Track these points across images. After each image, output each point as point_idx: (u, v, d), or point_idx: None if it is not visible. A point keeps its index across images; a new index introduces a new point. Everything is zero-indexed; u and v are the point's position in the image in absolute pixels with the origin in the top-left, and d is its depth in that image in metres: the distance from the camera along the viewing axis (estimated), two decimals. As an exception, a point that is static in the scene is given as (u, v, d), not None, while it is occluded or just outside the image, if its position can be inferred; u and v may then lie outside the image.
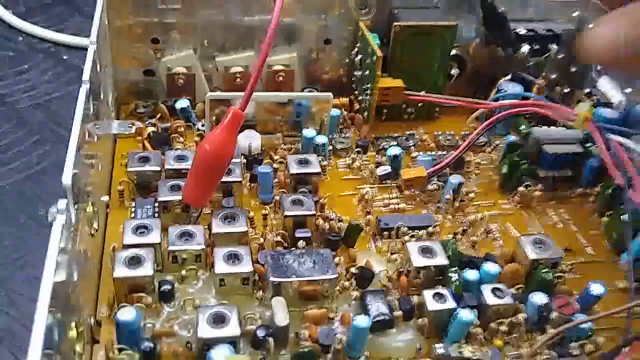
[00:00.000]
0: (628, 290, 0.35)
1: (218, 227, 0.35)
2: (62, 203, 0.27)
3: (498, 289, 0.33)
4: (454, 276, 0.34)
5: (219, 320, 0.30)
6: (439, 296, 0.33)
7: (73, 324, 0.27)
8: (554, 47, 0.48)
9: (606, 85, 0.48)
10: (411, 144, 0.46)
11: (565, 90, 0.50)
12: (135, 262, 0.32)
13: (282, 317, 0.31)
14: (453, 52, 0.48)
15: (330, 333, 0.31)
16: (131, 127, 0.44)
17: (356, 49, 0.48)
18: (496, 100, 0.46)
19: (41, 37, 0.59)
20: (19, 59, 0.56)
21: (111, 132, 0.43)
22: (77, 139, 0.30)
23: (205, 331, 0.29)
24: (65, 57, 0.57)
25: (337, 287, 0.34)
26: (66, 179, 0.28)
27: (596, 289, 0.34)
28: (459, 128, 0.48)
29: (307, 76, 0.49)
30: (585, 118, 0.39)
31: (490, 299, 0.33)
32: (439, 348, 0.31)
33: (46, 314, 0.23)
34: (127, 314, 0.29)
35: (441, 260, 0.34)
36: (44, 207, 0.42)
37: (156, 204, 0.37)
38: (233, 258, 0.33)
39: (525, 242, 0.36)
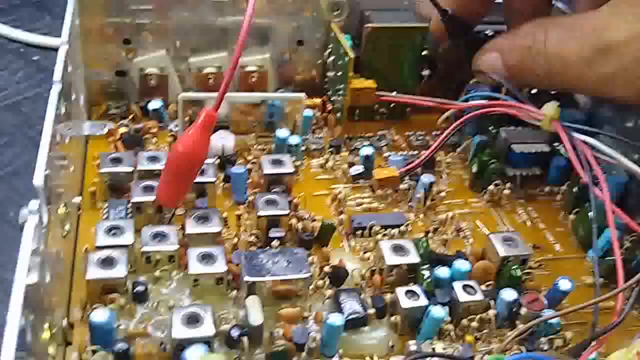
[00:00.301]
0: (594, 285, 0.36)
1: (192, 227, 0.35)
2: (33, 204, 0.26)
3: (469, 285, 0.34)
4: (426, 274, 0.34)
5: (193, 320, 0.30)
6: (411, 294, 0.33)
7: (46, 326, 0.26)
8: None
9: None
10: (383, 144, 0.47)
11: (533, 91, 0.51)
12: (108, 263, 0.32)
13: (256, 317, 0.31)
14: (424, 53, 0.48)
15: (305, 332, 0.31)
16: (103, 128, 0.44)
17: (329, 50, 0.48)
18: (466, 101, 0.46)
19: (11, 38, 0.58)
20: (-13, 59, 0.55)
21: (83, 133, 0.43)
22: (48, 139, 0.30)
23: (180, 331, 0.29)
24: (35, 58, 0.56)
25: (311, 286, 0.34)
26: (38, 179, 0.28)
27: (564, 284, 0.35)
28: (430, 128, 0.48)
29: (280, 77, 0.50)
30: (551, 118, 0.40)
31: (461, 296, 0.33)
32: (412, 345, 0.32)
33: (19, 316, 0.23)
34: (100, 314, 0.29)
35: (413, 258, 0.35)
36: (14, 209, 0.42)
37: (129, 205, 0.37)
38: (207, 258, 0.33)
39: (495, 239, 0.37)
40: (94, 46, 0.45)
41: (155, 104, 0.45)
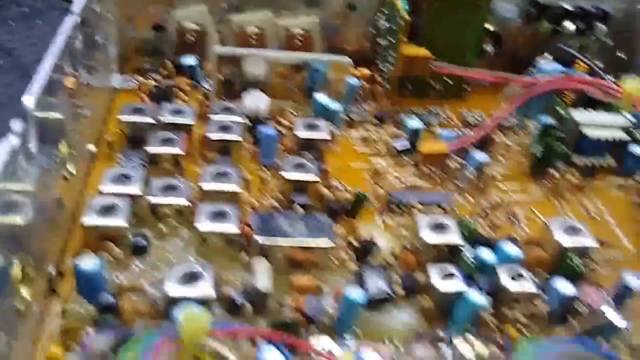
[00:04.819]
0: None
1: (208, 183, 0.32)
2: (17, 125, 0.23)
3: (518, 273, 0.29)
4: (468, 254, 0.30)
5: (191, 278, 0.26)
6: (447, 275, 0.29)
7: (17, 262, 0.23)
8: (602, 27, 0.44)
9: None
10: (435, 122, 0.42)
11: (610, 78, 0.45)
12: (109, 211, 0.29)
13: (263, 281, 0.27)
14: (490, 28, 0.44)
15: (319, 304, 0.27)
16: (133, 81, 0.41)
17: (382, 16, 0.44)
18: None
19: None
20: (33, 15, 0.54)
21: (111, 85, 0.41)
22: (53, 62, 0.27)
23: (173, 289, 0.26)
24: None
25: (334, 259, 0.30)
26: (29, 100, 0.25)
27: (632, 281, 0.29)
28: (490, 109, 0.43)
29: (327, 46, 0.46)
30: (632, 95, 0.35)
31: (507, 283, 0.28)
32: (442, 333, 0.27)
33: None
34: (88, 262, 0.26)
35: (454, 238, 0.30)
36: None
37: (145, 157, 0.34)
38: (219, 216, 0.30)
39: (554, 226, 0.32)
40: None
41: (189, 60, 0.42)
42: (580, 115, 0.39)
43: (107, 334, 0.24)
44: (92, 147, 0.35)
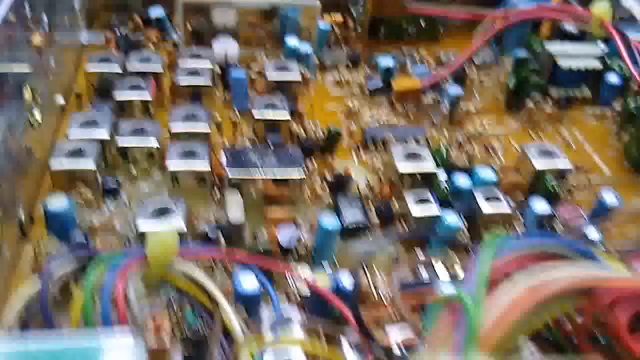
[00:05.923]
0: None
1: (177, 125, 0.31)
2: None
3: (493, 196, 0.29)
4: (442, 180, 0.29)
5: (162, 213, 0.26)
6: (422, 200, 0.28)
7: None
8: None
9: (630, 2, 0.43)
10: (409, 63, 0.41)
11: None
12: (76, 154, 0.29)
13: (236, 214, 0.26)
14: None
15: (293, 235, 0.27)
16: (100, 37, 0.40)
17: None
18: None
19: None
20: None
21: (79, 41, 0.40)
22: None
23: (145, 224, 0.25)
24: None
25: (308, 193, 0.30)
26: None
27: (609, 198, 0.29)
28: (465, 49, 0.43)
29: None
30: (601, 19, 0.34)
31: (483, 206, 0.28)
32: (420, 255, 0.27)
33: None
34: (56, 201, 0.26)
35: (428, 165, 0.30)
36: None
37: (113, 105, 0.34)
38: (189, 155, 0.29)
39: (530, 151, 0.31)
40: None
41: (157, 11, 0.41)
42: (555, 46, 0.39)
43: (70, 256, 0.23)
44: (60, 99, 0.34)
